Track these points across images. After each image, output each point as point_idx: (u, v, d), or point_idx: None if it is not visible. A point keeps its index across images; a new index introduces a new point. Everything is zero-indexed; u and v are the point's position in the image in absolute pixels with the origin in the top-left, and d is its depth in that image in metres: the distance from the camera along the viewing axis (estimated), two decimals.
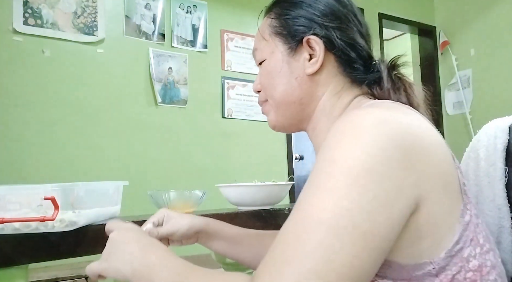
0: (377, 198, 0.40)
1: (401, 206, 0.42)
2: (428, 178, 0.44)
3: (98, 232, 0.78)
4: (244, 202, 1.00)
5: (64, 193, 0.70)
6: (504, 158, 0.62)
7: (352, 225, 0.39)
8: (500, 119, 0.66)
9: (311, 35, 0.61)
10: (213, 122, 2.78)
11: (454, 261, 0.44)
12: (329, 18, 0.62)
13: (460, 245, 0.45)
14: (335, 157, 0.43)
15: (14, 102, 2.16)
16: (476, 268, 0.45)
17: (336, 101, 0.62)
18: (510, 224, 0.61)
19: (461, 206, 0.47)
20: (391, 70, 0.62)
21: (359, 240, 0.39)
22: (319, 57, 0.61)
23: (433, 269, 0.44)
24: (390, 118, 0.45)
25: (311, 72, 0.61)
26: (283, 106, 0.64)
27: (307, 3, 0.63)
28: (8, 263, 0.70)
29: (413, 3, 3.94)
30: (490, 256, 0.47)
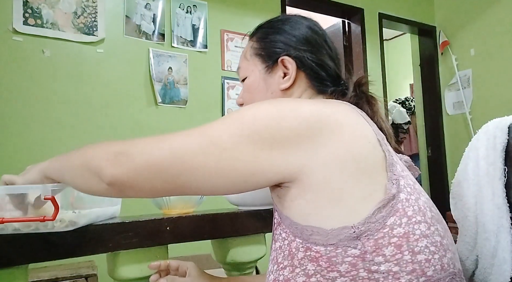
0: (250, 138, 0.53)
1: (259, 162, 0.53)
2: (328, 152, 0.52)
3: (98, 232, 0.78)
4: (244, 202, 1.00)
5: (64, 193, 0.70)
6: (503, 157, 0.62)
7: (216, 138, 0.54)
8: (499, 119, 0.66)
9: (285, 56, 0.71)
10: None
11: (376, 227, 0.50)
12: (302, 42, 0.72)
13: (382, 213, 0.51)
14: (241, 110, 0.57)
15: (14, 102, 2.16)
16: (401, 235, 0.50)
17: None
18: (509, 224, 0.61)
19: (385, 180, 0.53)
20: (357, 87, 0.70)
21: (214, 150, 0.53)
22: (292, 74, 0.70)
23: (353, 232, 0.50)
24: (306, 102, 0.58)
25: (284, 88, 0.71)
26: None
27: (286, 30, 0.73)
28: (8, 263, 0.70)
29: (413, 3, 3.94)
30: (420, 227, 0.52)
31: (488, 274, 0.64)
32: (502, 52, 3.45)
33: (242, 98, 0.77)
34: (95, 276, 1.79)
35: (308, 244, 0.52)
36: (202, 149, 0.53)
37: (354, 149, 0.53)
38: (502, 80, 3.45)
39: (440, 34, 3.92)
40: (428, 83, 4.06)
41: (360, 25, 3.55)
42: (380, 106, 0.70)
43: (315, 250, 0.51)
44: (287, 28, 0.73)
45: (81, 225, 0.72)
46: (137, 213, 1.00)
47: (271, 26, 0.75)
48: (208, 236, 0.92)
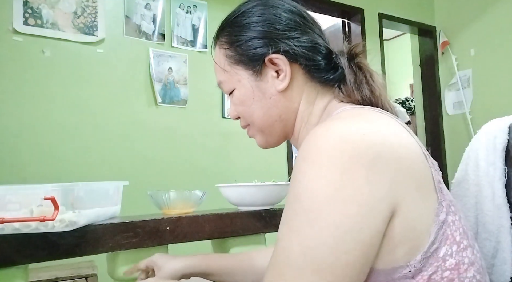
0: (341, 227, 0.41)
1: (373, 223, 0.42)
2: (402, 183, 0.44)
3: (98, 232, 0.78)
4: (244, 202, 1.00)
5: (64, 193, 0.70)
6: (503, 158, 0.62)
7: (316, 262, 0.41)
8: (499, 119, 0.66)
9: (272, 54, 0.60)
10: (213, 122, 2.78)
11: (430, 262, 0.45)
12: (281, 30, 0.61)
13: (435, 245, 0.45)
14: (299, 191, 0.44)
15: (14, 102, 2.16)
16: (453, 267, 0.45)
17: (312, 109, 0.63)
18: (509, 224, 0.61)
19: (436, 205, 0.47)
20: (351, 61, 0.62)
21: (325, 275, 0.40)
22: (286, 72, 0.61)
23: (409, 272, 0.44)
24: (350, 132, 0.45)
25: (282, 88, 0.61)
26: (267, 128, 0.65)
27: (255, 22, 0.62)
28: (8, 263, 0.70)
29: (413, 3, 3.93)
30: (468, 253, 0.47)
31: (488, 274, 0.64)
32: (502, 52, 3.45)
33: (236, 111, 0.68)
34: (95, 276, 1.78)
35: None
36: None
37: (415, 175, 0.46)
38: (502, 80, 3.44)
39: (440, 34, 3.92)
40: (428, 83, 4.06)
41: (360, 25, 3.55)
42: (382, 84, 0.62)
43: None
44: (257, 20, 0.62)
45: (81, 225, 0.72)
46: (137, 213, 1.00)
47: (237, 24, 0.63)
48: (208, 236, 0.92)
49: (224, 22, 0.66)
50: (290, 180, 0.48)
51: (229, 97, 0.69)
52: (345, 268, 0.41)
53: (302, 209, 0.43)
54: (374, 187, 0.42)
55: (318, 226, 0.41)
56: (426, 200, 0.46)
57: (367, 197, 0.42)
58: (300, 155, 0.46)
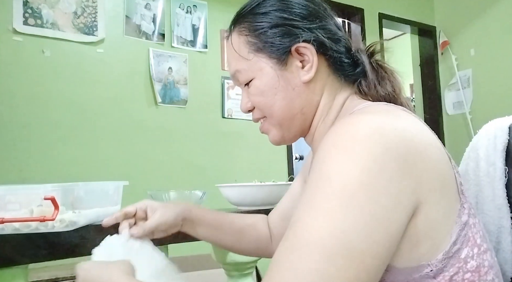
0: (374, 216, 0.40)
1: (399, 217, 0.41)
2: (426, 182, 0.44)
3: (98, 232, 0.78)
4: (244, 202, 1.00)
5: (64, 193, 0.70)
6: (504, 158, 0.62)
7: (347, 247, 0.38)
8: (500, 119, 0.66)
9: (300, 43, 0.58)
10: (213, 122, 2.78)
11: (452, 262, 0.44)
12: (308, 19, 0.59)
13: (457, 246, 0.45)
14: (330, 173, 0.42)
15: (14, 102, 2.16)
16: (474, 269, 0.45)
17: (332, 103, 0.62)
18: (510, 224, 0.61)
19: (458, 206, 0.46)
20: (370, 58, 0.62)
21: (355, 262, 0.38)
22: (313, 62, 0.58)
23: (430, 271, 0.44)
24: (383, 125, 0.44)
25: (308, 79, 0.59)
26: (287, 121, 0.62)
27: (278, 9, 0.59)
28: (8, 263, 0.70)
29: (413, 3, 3.93)
30: (487, 256, 0.47)
31: None
32: (502, 52, 3.45)
33: (252, 102, 0.64)
34: None
35: None
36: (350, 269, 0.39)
37: (440, 175, 0.46)
38: (502, 80, 3.44)
39: (440, 34, 3.92)
40: (428, 83, 4.06)
41: (360, 25, 3.55)
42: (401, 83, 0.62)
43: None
44: (279, 6, 0.60)
45: (81, 225, 0.72)
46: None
47: (257, 11, 0.61)
48: None
49: (244, 8, 0.63)
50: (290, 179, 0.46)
51: (243, 88, 0.65)
52: (374, 258, 0.39)
53: (334, 191, 0.41)
54: (404, 182, 0.42)
55: (352, 211, 0.39)
56: (449, 201, 0.46)
57: (398, 190, 0.41)
58: (329, 141, 0.44)
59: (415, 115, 0.53)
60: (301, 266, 0.39)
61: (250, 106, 0.64)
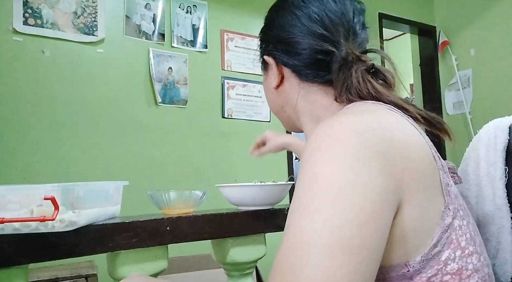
0: (364, 210, 0.40)
1: (387, 212, 0.42)
2: (407, 182, 0.44)
3: (98, 232, 0.78)
4: (244, 202, 1.00)
5: (64, 193, 0.70)
6: (504, 158, 0.62)
7: (344, 242, 0.39)
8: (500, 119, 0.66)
9: (265, 56, 0.67)
10: (213, 122, 2.78)
11: (431, 264, 0.44)
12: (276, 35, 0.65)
13: (438, 248, 0.45)
14: (315, 173, 0.43)
15: (14, 102, 2.16)
16: (454, 272, 0.45)
17: (311, 106, 0.63)
18: (510, 224, 0.61)
19: (442, 208, 0.46)
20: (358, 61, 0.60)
21: (354, 255, 0.39)
22: (274, 73, 0.66)
23: (407, 271, 0.44)
24: (362, 125, 0.45)
25: (275, 86, 0.67)
26: (276, 114, 0.74)
27: (268, 24, 0.68)
28: (8, 263, 0.70)
29: (413, 3, 3.93)
30: (473, 260, 0.46)
31: None
32: (502, 52, 3.45)
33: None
34: (95, 276, 1.78)
35: None
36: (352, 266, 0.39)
37: (422, 176, 0.46)
38: (502, 80, 3.44)
39: (440, 34, 3.92)
40: (428, 83, 4.06)
41: None
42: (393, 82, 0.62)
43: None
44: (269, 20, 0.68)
45: (81, 225, 0.72)
46: (137, 213, 1.00)
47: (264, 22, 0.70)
48: (208, 236, 0.92)
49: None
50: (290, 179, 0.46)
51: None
52: (371, 251, 0.40)
53: (322, 189, 0.41)
54: (386, 179, 0.42)
55: (342, 205, 0.40)
56: (432, 202, 0.46)
57: (382, 186, 0.42)
58: (312, 144, 0.46)
59: (402, 115, 0.53)
60: (303, 266, 0.39)
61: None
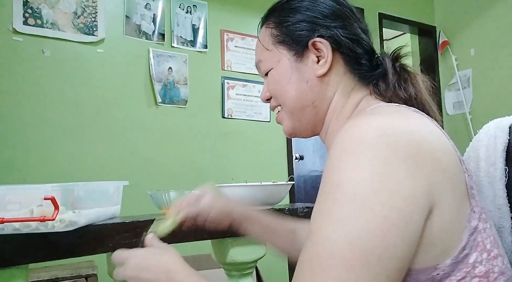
0: (388, 219, 0.40)
1: (416, 218, 0.41)
2: (438, 183, 0.43)
3: (98, 232, 0.78)
4: (244, 202, 1.00)
5: (64, 193, 0.70)
6: (504, 158, 0.62)
7: (364, 254, 0.39)
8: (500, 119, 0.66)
9: (316, 38, 0.61)
10: (213, 122, 2.78)
11: (460, 267, 0.44)
12: (330, 18, 0.62)
13: (466, 251, 0.44)
14: (340, 180, 0.42)
15: (14, 102, 2.16)
16: (482, 274, 0.44)
17: (345, 101, 0.63)
18: (510, 224, 0.61)
19: (468, 210, 0.46)
20: (394, 62, 0.63)
21: (373, 267, 0.39)
22: (328, 58, 0.61)
23: (437, 275, 0.44)
24: (392, 126, 0.44)
25: (321, 74, 0.62)
26: (298, 111, 0.65)
27: (305, 7, 0.63)
28: (8, 263, 0.70)
29: (413, 3, 3.93)
30: (498, 262, 0.46)
31: None
32: (502, 52, 3.45)
33: (268, 91, 0.68)
34: (95, 276, 1.78)
35: None
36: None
37: (451, 178, 0.45)
38: (502, 80, 3.44)
39: (440, 34, 3.92)
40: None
41: None
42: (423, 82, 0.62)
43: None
44: (307, 5, 0.63)
45: (81, 225, 0.72)
46: (137, 213, 1.00)
47: (287, 7, 0.65)
48: (208, 236, 0.92)
49: (275, 4, 0.68)
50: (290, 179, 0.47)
51: (264, 78, 0.69)
52: (393, 261, 0.40)
53: (346, 198, 0.41)
54: (415, 182, 0.42)
55: (365, 216, 0.40)
56: (460, 204, 0.46)
57: (410, 191, 0.41)
58: (338, 146, 0.45)
59: (429, 118, 0.53)
60: (323, 275, 0.39)
61: (269, 95, 0.69)
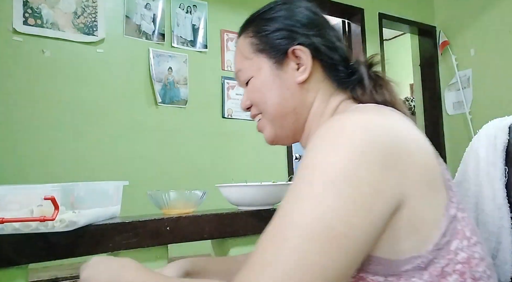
0: (354, 201, 0.42)
1: (381, 206, 0.44)
2: (412, 176, 0.46)
3: (98, 232, 0.78)
4: (244, 202, 1.00)
5: (64, 193, 0.70)
6: (504, 158, 0.62)
7: (326, 229, 0.41)
8: (500, 119, 0.67)
9: (296, 46, 0.63)
10: (213, 122, 2.78)
11: (442, 254, 0.46)
12: (308, 27, 0.65)
13: (447, 238, 0.46)
14: (314, 163, 0.45)
15: (14, 102, 2.16)
16: (464, 261, 0.46)
17: (325, 106, 0.65)
18: (510, 224, 0.61)
19: (446, 200, 0.48)
20: (369, 69, 0.66)
21: (334, 243, 0.41)
22: (307, 65, 0.63)
23: (421, 262, 0.45)
24: (369, 121, 0.47)
25: (301, 80, 0.64)
26: (279, 118, 0.66)
27: (283, 16, 0.66)
28: (8, 263, 0.70)
29: (413, 3, 3.93)
30: (477, 249, 0.48)
31: None
32: (502, 52, 3.45)
33: (249, 100, 0.69)
34: None
35: (363, 273, 0.46)
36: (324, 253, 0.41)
37: (426, 171, 0.48)
38: (502, 80, 3.44)
39: (440, 34, 3.92)
40: (428, 83, 4.06)
41: (360, 25, 3.55)
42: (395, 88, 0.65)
43: (370, 280, 0.46)
44: (284, 14, 0.66)
45: (81, 225, 0.72)
46: (137, 213, 1.00)
47: (265, 17, 0.67)
48: (208, 236, 0.92)
49: (252, 15, 0.70)
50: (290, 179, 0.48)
51: (244, 87, 0.70)
52: (354, 241, 0.42)
53: (316, 178, 0.44)
54: (387, 174, 0.44)
55: (333, 196, 0.42)
56: (437, 195, 0.48)
57: (379, 181, 0.44)
58: (317, 137, 0.47)
59: (404, 116, 0.55)
60: (283, 247, 0.41)
61: (249, 103, 0.70)
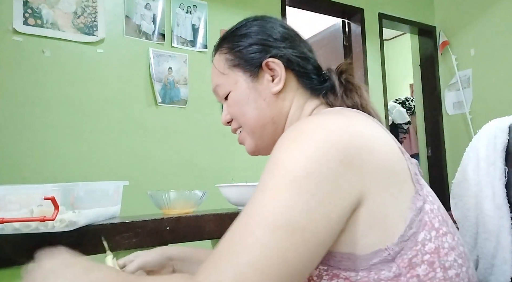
0: (315, 197, 0.45)
1: (341, 202, 0.46)
2: (371, 173, 0.48)
3: (98, 232, 0.78)
4: (244, 202, 1.00)
5: (64, 193, 0.70)
6: (503, 158, 0.62)
7: (289, 221, 0.43)
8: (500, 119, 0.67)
9: (269, 58, 0.67)
10: (213, 122, 2.78)
11: (409, 246, 0.48)
12: (279, 40, 0.68)
13: (413, 230, 0.48)
14: (279, 160, 0.48)
15: (14, 102, 2.16)
16: (432, 251, 0.48)
17: (300, 113, 0.69)
18: (510, 224, 0.61)
19: (413, 193, 0.50)
20: (340, 75, 0.69)
21: (296, 235, 0.43)
22: (281, 76, 0.67)
23: (388, 254, 0.47)
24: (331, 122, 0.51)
25: (277, 91, 0.67)
26: (259, 129, 0.69)
27: (255, 32, 0.69)
28: (8, 263, 0.70)
29: (413, 3, 3.93)
30: (447, 239, 0.50)
31: (488, 275, 0.64)
32: (502, 52, 3.45)
33: (229, 114, 0.72)
34: None
35: (336, 270, 0.48)
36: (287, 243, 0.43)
37: (388, 166, 0.50)
38: (502, 80, 3.45)
39: (440, 34, 3.92)
40: (428, 83, 4.06)
41: (360, 25, 3.55)
42: (366, 92, 0.68)
43: (343, 276, 0.48)
44: (257, 30, 0.69)
45: (81, 225, 0.72)
46: (137, 213, 1.00)
47: (238, 33, 0.71)
48: (208, 236, 0.92)
49: (226, 33, 0.73)
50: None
51: (224, 102, 0.72)
52: (315, 235, 0.44)
53: (280, 173, 0.46)
54: (346, 171, 0.46)
55: (295, 191, 0.45)
56: (401, 189, 0.50)
57: (339, 178, 0.46)
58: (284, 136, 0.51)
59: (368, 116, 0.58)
60: (247, 235, 0.44)
61: (229, 118, 0.73)
